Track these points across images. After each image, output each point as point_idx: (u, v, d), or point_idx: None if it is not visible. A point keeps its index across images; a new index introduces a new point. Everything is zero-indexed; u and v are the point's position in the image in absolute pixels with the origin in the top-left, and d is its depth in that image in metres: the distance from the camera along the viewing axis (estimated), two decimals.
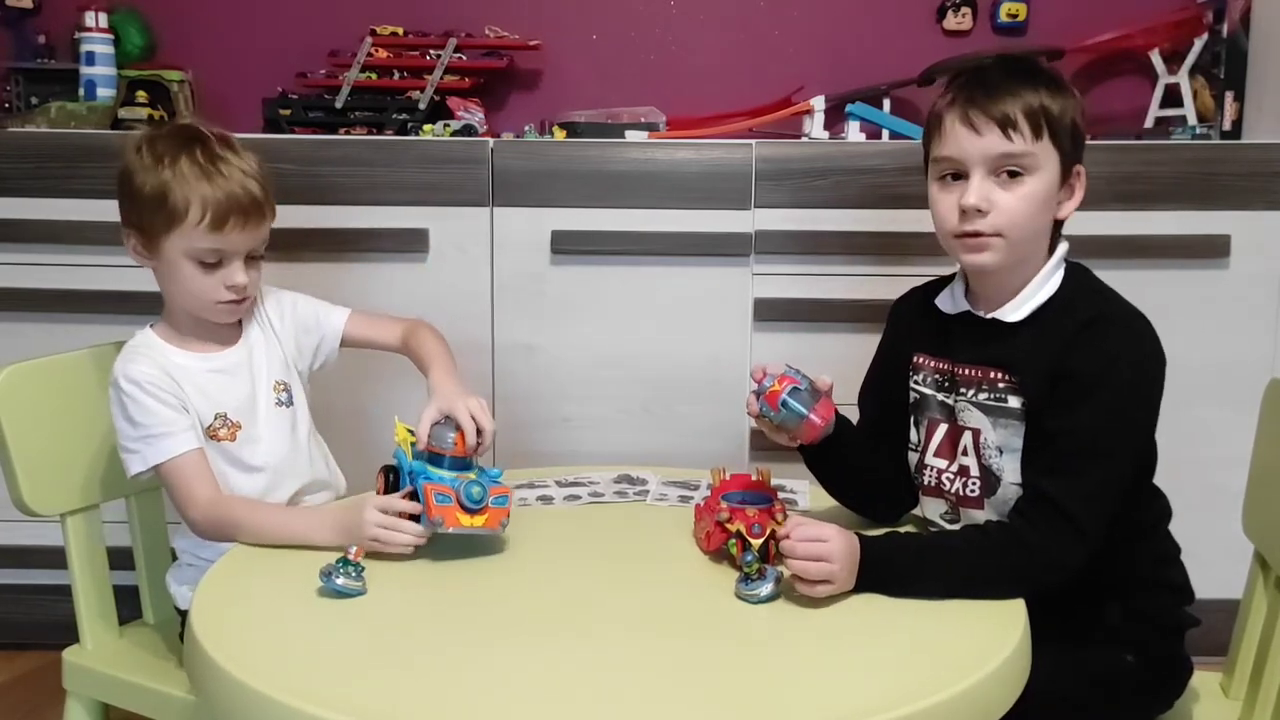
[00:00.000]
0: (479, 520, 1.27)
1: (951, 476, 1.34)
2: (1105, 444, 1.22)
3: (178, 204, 1.40)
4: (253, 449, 1.49)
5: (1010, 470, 1.29)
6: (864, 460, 1.40)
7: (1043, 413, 1.25)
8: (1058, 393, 1.24)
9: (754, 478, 1.37)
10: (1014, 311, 1.30)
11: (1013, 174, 1.26)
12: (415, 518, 1.28)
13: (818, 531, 1.16)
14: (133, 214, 1.45)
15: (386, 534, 1.26)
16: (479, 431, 1.35)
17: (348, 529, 1.28)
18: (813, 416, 1.24)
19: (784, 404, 1.24)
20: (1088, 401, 1.22)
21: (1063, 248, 1.33)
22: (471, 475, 1.30)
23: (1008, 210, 1.26)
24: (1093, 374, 1.23)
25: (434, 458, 1.32)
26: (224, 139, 1.46)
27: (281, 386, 1.55)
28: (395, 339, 1.62)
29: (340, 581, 1.16)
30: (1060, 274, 1.31)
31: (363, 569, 1.19)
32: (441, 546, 1.29)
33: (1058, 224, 1.32)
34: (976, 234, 1.27)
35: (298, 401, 1.57)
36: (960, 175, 1.28)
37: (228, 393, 1.49)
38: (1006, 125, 1.25)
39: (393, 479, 1.36)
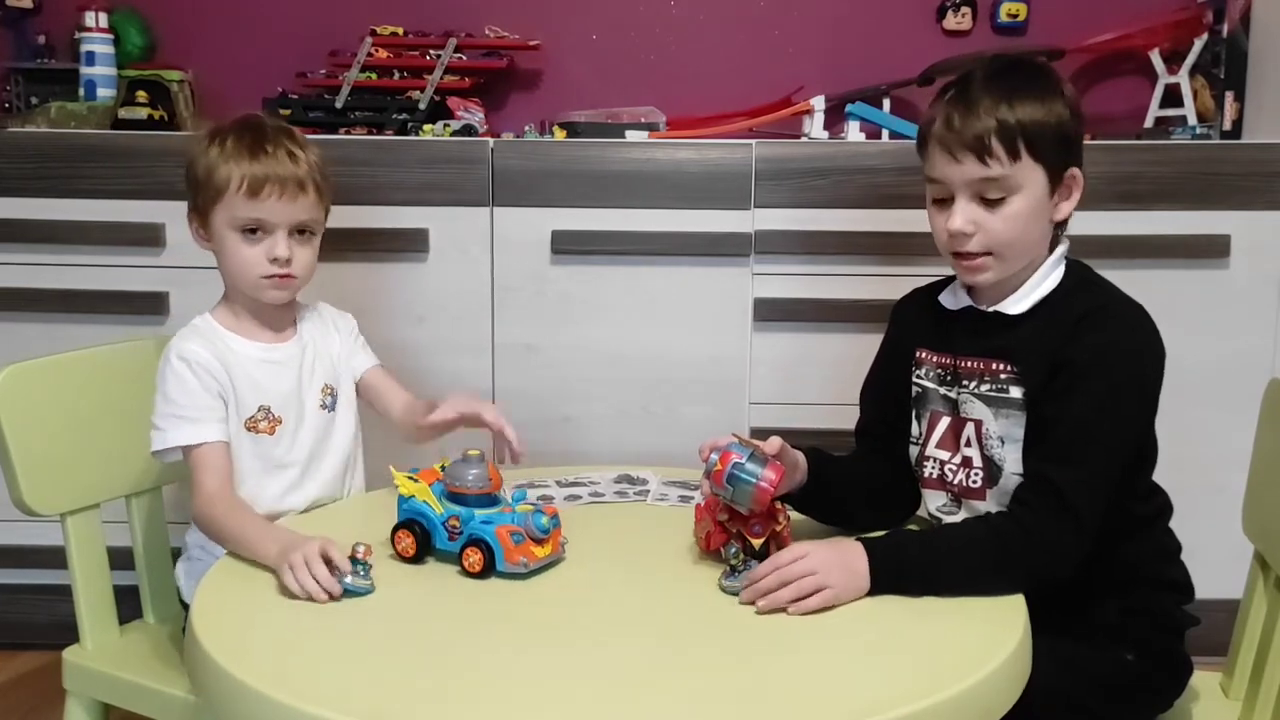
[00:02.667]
0: (547, 549, 1.23)
1: (954, 468, 1.35)
2: (1100, 431, 1.23)
3: (220, 177, 1.45)
4: (288, 445, 1.50)
5: (1012, 460, 1.30)
6: (854, 486, 1.39)
7: (1041, 401, 1.26)
8: (1055, 381, 1.25)
9: None
10: (1015, 305, 1.32)
11: (996, 196, 1.27)
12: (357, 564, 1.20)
13: (791, 554, 1.17)
14: (192, 196, 1.50)
15: (299, 574, 1.17)
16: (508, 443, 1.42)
17: (284, 550, 1.20)
18: (761, 483, 1.21)
19: (729, 479, 1.22)
20: (1083, 389, 1.24)
21: (1063, 245, 1.34)
22: (529, 507, 1.24)
23: (994, 231, 1.28)
24: (1088, 361, 1.24)
25: (455, 497, 1.26)
26: (285, 129, 1.51)
27: (329, 390, 1.56)
28: (402, 399, 1.60)
29: (349, 580, 1.16)
30: (1061, 269, 1.33)
31: (370, 567, 1.19)
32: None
33: (1059, 223, 1.33)
34: (969, 254, 1.30)
35: (341, 410, 1.57)
36: (950, 196, 1.30)
37: (276, 385, 1.50)
38: (982, 151, 1.26)
39: (419, 532, 1.26)
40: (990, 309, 1.34)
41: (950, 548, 1.23)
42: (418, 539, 1.26)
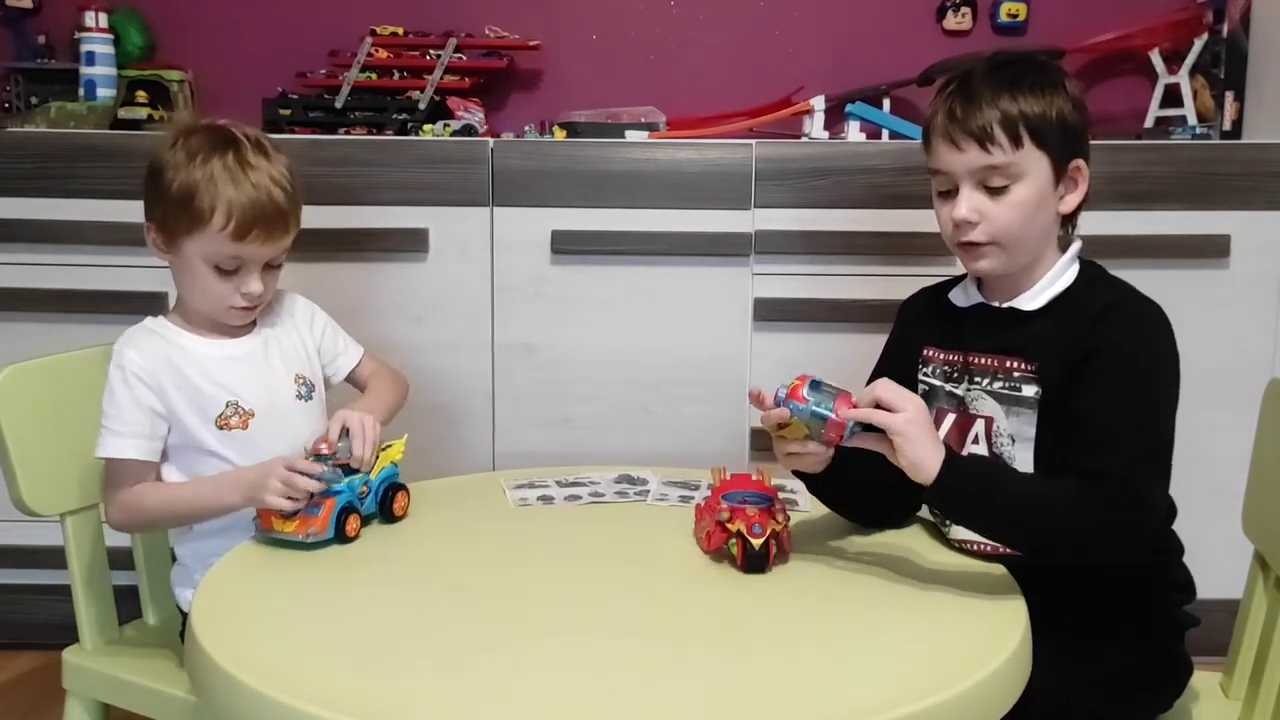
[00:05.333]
0: (289, 526, 1.30)
1: None
2: (1139, 414, 1.22)
3: (203, 207, 1.40)
4: (269, 437, 1.47)
5: (1021, 460, 1.30)
6: (865, 475, 1.36)
7: (1066, 397, 1.25)
8: (1082, 373, 1.24)
9: (754, 478, 1.37)
10: (1031, 301, 1.32)
11: (999, 184, 1.28)
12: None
13: (903, 400, 1.18)
14: (157, 209, 1.44)
15: (284, 489, 1.30)
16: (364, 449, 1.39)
17: (252, 485, 1.33)
18: (843, 395, 1.19)
19: (811, 392, 1.19)
20: (1116, 376, 1.23)
21: (1077, 244, 1.35)
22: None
23: (998, 220, 1.29)
24: (1117, 349, 1.23)
25: (345, 469, 1.37)
26: (259, 143, 1.46)
27: (302, 380, 1.55)
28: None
29: (327, 472, 1.31)
30: (1076, 267, 1.34)
31: (332, 457, 1.34)
32: (440, 544, 1.28)
33: (1069, 217, 1.34)
34: (973, 243, 1.30)
35: (318, 397, 1.57)
36: (954, 188, 1.31)
37: (241, 380, 1.48)
38: (984, 139, 1.27)
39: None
40: (1004, 305, 1.34)
41: (1031, 487, 1.23)
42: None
